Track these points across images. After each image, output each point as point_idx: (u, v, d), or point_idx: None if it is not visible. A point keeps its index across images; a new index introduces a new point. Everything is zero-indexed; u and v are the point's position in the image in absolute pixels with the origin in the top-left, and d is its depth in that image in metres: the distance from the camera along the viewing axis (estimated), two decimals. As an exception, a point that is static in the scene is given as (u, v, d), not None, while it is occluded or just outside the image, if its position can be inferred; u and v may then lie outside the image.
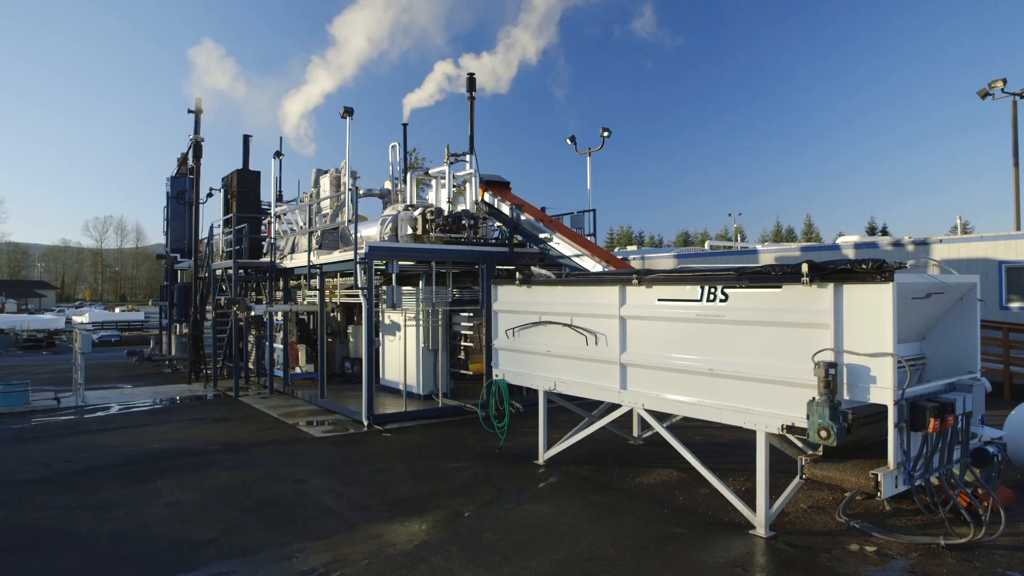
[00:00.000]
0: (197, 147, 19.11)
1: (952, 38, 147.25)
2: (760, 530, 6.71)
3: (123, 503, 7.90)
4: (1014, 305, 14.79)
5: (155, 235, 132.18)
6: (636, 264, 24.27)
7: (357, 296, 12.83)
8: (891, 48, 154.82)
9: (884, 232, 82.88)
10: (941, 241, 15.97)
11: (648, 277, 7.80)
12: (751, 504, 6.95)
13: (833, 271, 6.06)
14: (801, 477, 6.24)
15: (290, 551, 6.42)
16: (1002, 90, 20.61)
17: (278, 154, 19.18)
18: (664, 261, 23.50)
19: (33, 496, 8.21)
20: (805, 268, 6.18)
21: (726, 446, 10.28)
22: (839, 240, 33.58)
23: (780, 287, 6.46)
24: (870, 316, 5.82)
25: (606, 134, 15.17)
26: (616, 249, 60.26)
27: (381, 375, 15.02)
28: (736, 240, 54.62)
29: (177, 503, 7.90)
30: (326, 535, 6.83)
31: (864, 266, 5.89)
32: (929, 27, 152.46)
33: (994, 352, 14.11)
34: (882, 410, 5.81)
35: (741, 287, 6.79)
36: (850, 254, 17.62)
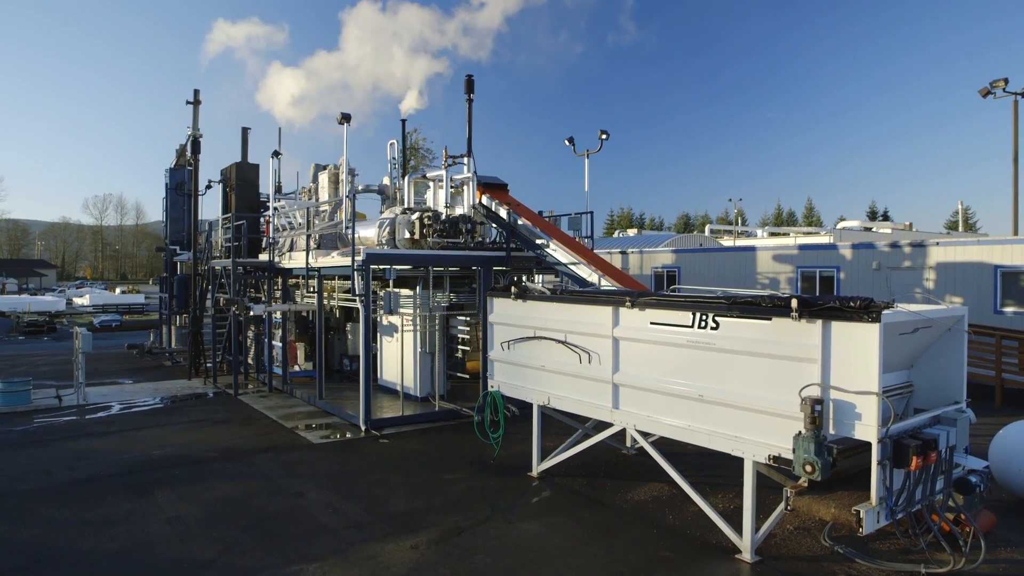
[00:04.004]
0: (195, 143, 19.02)
1: (960, 25, 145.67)
2: (746, 555, 6.87)
3: (124, 518, 8.05)
4: (1008, 310, 14.86)
5: (155, 213, 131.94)
6: (633, 257, 24.30)
7: (355, 301, 12.90)
8: (898, 33, 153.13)
9: (885, 216, 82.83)
10: (938, 244, 16.00)
11: (641, 300, 7.88)
12: (738, 527, 7.10)
13: (822, 307, 6.14)
14: (787, 508, 6.37)
15: (287, 573, 6.58)
16: (1003, 90, 20.51)
17: (276, 153, 19.11)
18: (662, 256, 23.52)
19: (36, 510, 8.37)
20: (795, 303, 6.27)
21: (717, 457, 10.27)
22: (839, 227, 33.68)
23: (770, 319, 6.54)
24: (857, 354, 5.91)
25: (604, 136, 15.11)
26: (616, 232, 60.32)
27: (379, 375, 15.13)
28: (736, 224, 54.55)
29: (177, 518, 8.05)
30: (322, 556, 6.98)
31: (852, 304, 5.96)
32: (937, 12, 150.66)
33: (987, 358, 14.21)
34: (868, 442, 5.92)
35: (732, 316, 6.87)
36: (847, 254, 17.67)
